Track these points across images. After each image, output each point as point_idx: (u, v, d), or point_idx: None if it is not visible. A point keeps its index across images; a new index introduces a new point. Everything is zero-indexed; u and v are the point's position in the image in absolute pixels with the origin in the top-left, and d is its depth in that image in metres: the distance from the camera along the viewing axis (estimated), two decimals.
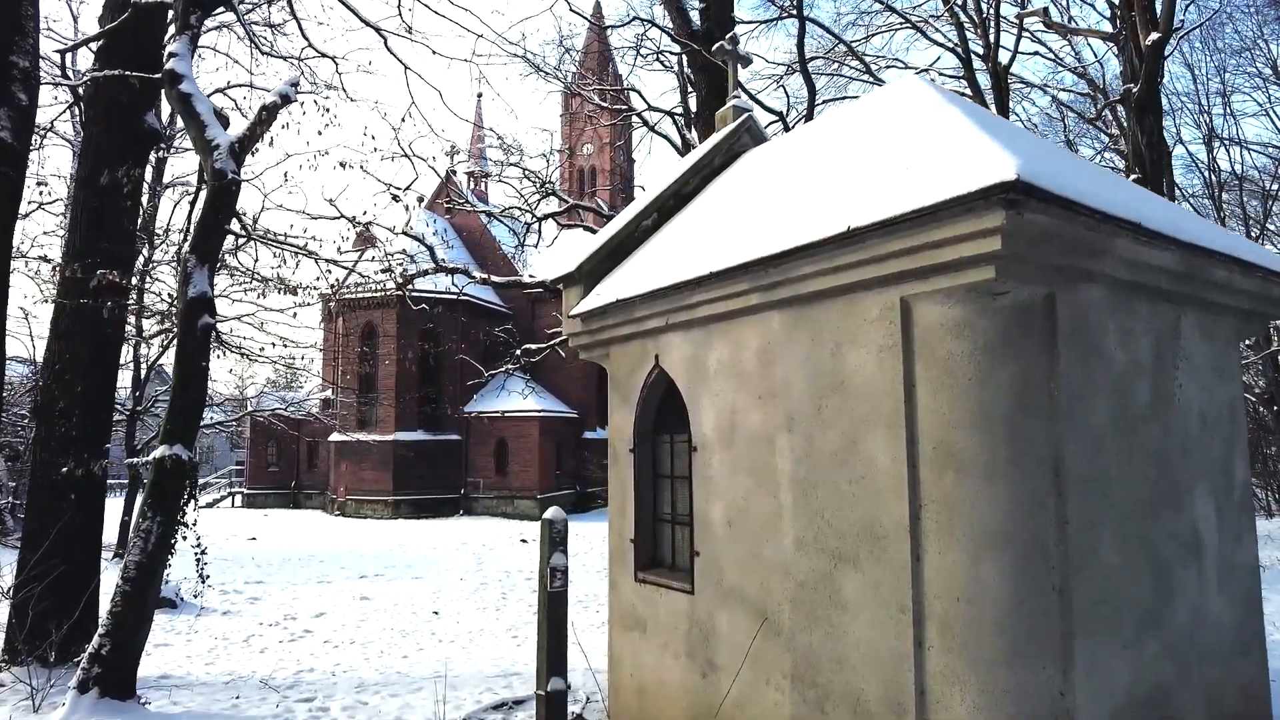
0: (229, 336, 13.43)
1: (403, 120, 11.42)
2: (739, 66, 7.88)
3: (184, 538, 6.11)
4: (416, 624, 13.33)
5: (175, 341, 6.66)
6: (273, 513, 36.08)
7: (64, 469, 7.31)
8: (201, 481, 44.33)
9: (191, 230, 7.34)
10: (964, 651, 3.67)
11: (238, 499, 40.54)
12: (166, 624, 12.04)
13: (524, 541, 25.84)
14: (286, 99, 7.68)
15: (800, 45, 11.77)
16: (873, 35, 22.95)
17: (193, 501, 6.18)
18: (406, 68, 11.53)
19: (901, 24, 21.97)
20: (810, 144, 5.85)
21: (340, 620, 13.43)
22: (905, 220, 3.65)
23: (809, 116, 12.59)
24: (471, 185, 40.91)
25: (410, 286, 19.44)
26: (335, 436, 33.97)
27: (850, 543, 4.10)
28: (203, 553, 6.10)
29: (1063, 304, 3.87)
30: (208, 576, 6.42)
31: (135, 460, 6.14)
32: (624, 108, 21.96)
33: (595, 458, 38.63)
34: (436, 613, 14.27)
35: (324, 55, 11.79)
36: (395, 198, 13.78)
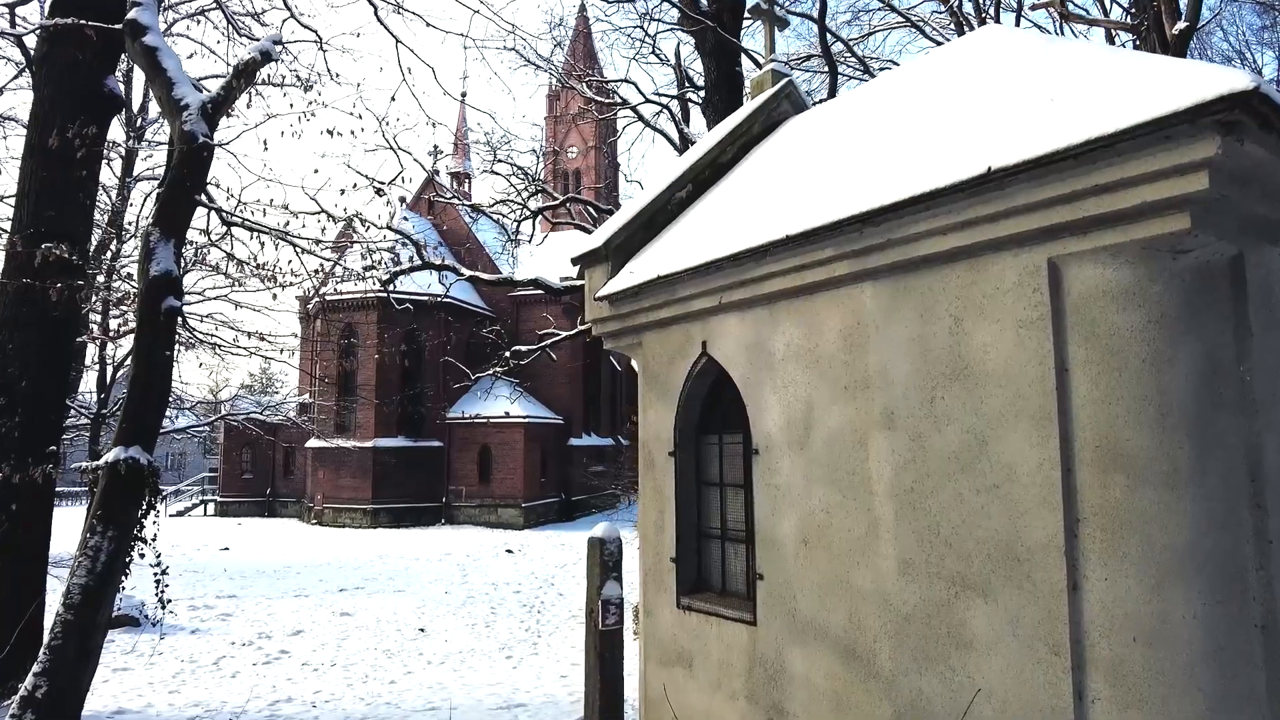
0: (203, 334, 12.37)
1: (392, 99, 10.51)
2: (776, 30, 7.09)
3: (141, 555, 5.17)
4: (402, 643, 12.39)
5: (135, 328, 5.71)
6: (247, 522, 34.78)
7: (0, 475, 6.32)
8: (172, 489, 42.85)
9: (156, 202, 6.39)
10: (1144, 707, 2.85)
11: (210, 507, 39.11)
12: (127, 644, 10.98)
13: (509, 552, 24.90)
14: (267, 56, 6.77)
15: (822, 18, 11.03)
16: (870, 34, 22.37)
17: (152, 513, 5.24)
18: (399, 41, 10.64)
19: (900, 23, 21.40)
20: (882, 101, 5.05)
21: (319, 639, 12.44)
22: (1070, 156, 2.85)
23: (831, 94, 11.84)
24: (455, 186, 39.90)
25: (393, 286, 18.50)
26: (313, 442, 32.75)
27: (978, 566, 3.27)
28: (163, 573, 5.16)
29: (1251, 266, 3.08)
30: (169, 601, 5.46)
31: (86, 465, 5.15)
32: (617, 101, 21.16)
33: (581, 465, 37.76)
34: (422, 630, 13.34)
35: (308, 29, 10.87)
36: (379, 191, 12.90)
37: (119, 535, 5.02)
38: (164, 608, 5.43)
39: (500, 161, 19.53)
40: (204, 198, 8.09)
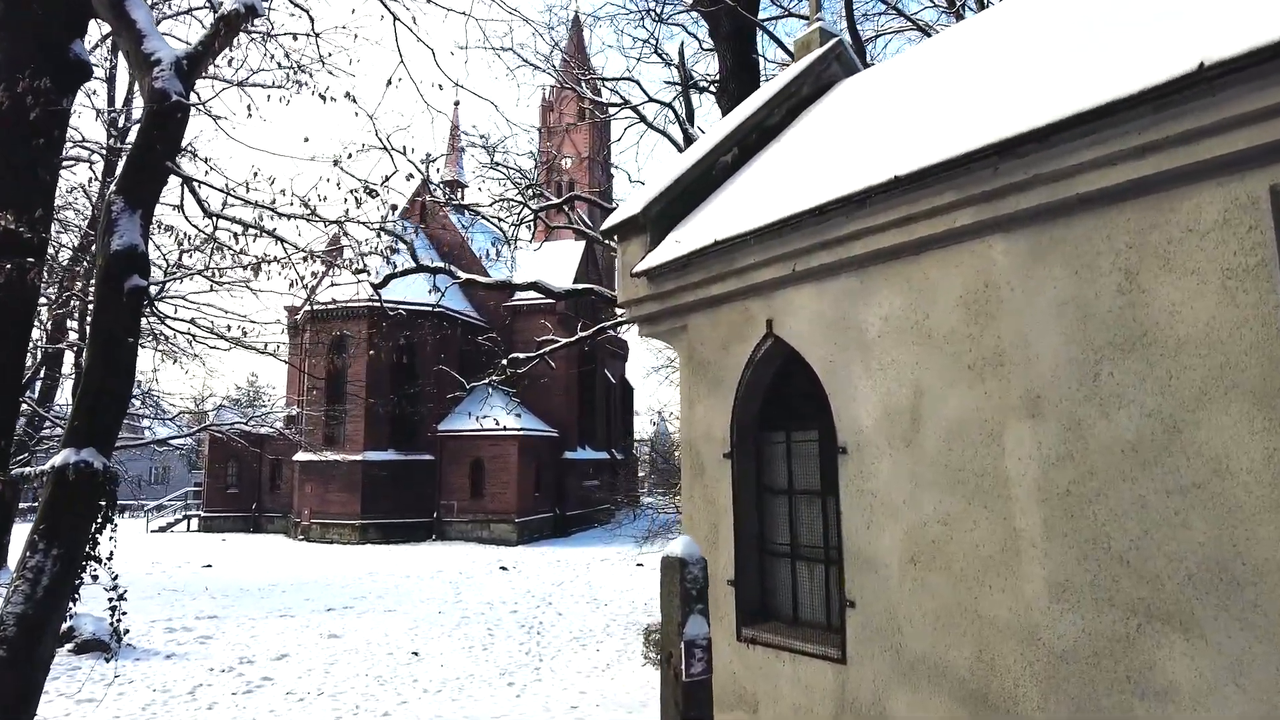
0: (179, 328, 11.48)
1: (388, 84, 9.74)
2: None
3: (94, 577, 4.33)
4: (395, 668, 11.48)
5: (92, 310, 4.89)
6: (231, 537, 33.60)
7: None
8: (154, 504, 41.62)
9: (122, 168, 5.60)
10: None
11: (193, 523, 37.83)
12: (93, 672, 10.02)
13: (503, 569, 23.96)
14: (253, 11, 6.01)
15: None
16: (876, 37, 21.88)
17: (108, 527, 4.41)
18: (396, 18, 9.88)
19: (906, 27, 20.91)
20: (974, 42, 4.33)
21: (305, 664, 11.50)
22: None
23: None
24: (447, 195, 39.09)
25: (382, 293, 17.70)
26: (300, 455, 31.68)
27: (1172, 591, 2.50)
28: (120, 598, 4.33)
29: None
30: (126, 631, 4.61)
31: (28, 470, 4.30)
32: (617, 101, 20.48)
33: (577, 479, 36.84)
34: (416, 653, 12.43)
35: (299, 7, 10.11)
36: (372, 193, 12.10)
37: (66, 554, 4.18)
38: (119, 640, 4.58)
39: (497, 165, 18.82)
40: (193, 189, 7.32)
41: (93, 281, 12.75)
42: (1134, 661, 2.58)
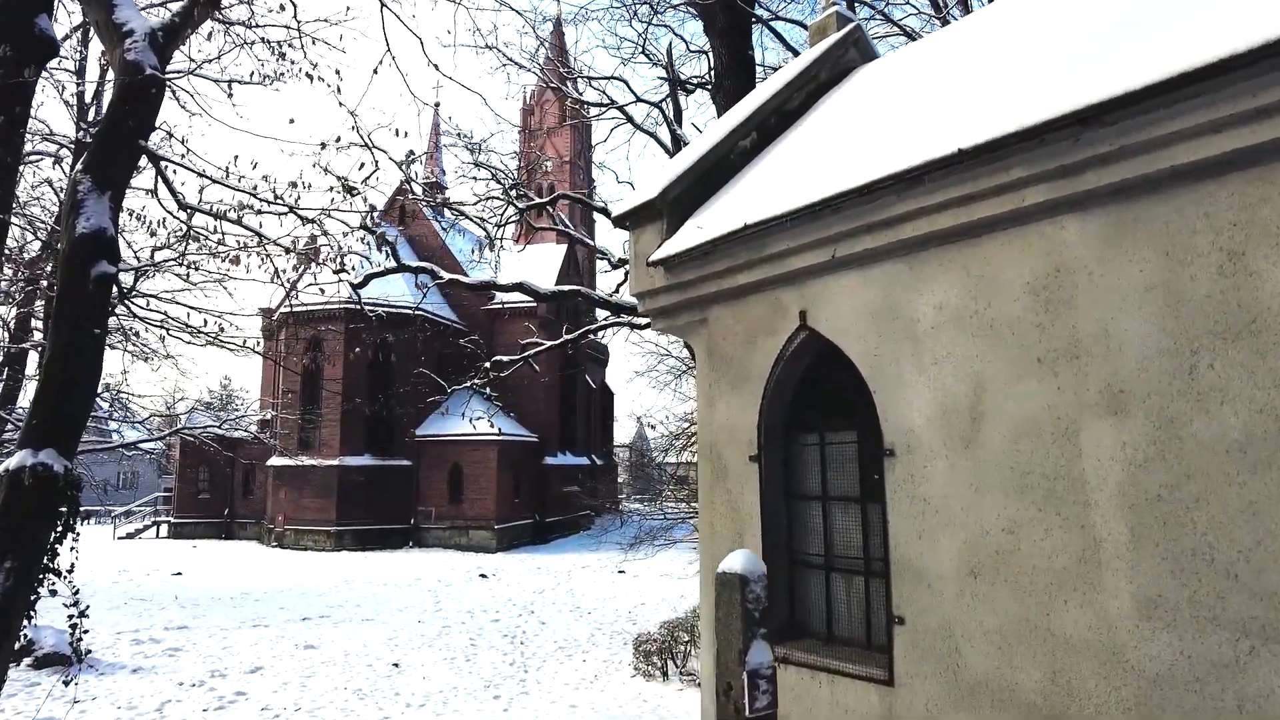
0: (150, 319, 10.92)
1: (374, 72, 9.35)
2: None
3: (52, 592, 3.91)
4: (375, 680, 11.04)
5: (55, 300, 4.48)
6: (202, 544, 32.74)
7: None
8: (122, 510, 40.48)
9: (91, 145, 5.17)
10: None
11: (163, 529, 36.81)
12: (55, 689, 9.45)
13: (483, 576, 23.50)
14: None
15: None
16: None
17: (69, 536, 3.99)
18: (383, 4, 9.50)
19: (893, 32, 20.84)
20: (1011, 23, 4.06)
21: (281, 677, 11.02)
22: None
23: None
24: (429, 197, 38.50)
25: (361, 295, 17.22)
26: (274, 460, 30.94)
27: None
28: (81, 614, 3.91)
29: None
30: (88, 651, 4.20)
31: None
32: (604, 102, 20.17)
33: (557, 485, 36.38)
34: (396, 665, 11.98)
35: None
36: (352, 190, 11.69)
37: (21, 567, 3.76)
38: (80, 660, 4.16)
39: (480, 165, 18.42)
40: (163, 174, 6.87)
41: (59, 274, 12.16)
42: (1247, 688, 2.29)
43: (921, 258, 3.21)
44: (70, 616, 3.92)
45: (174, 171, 6.35)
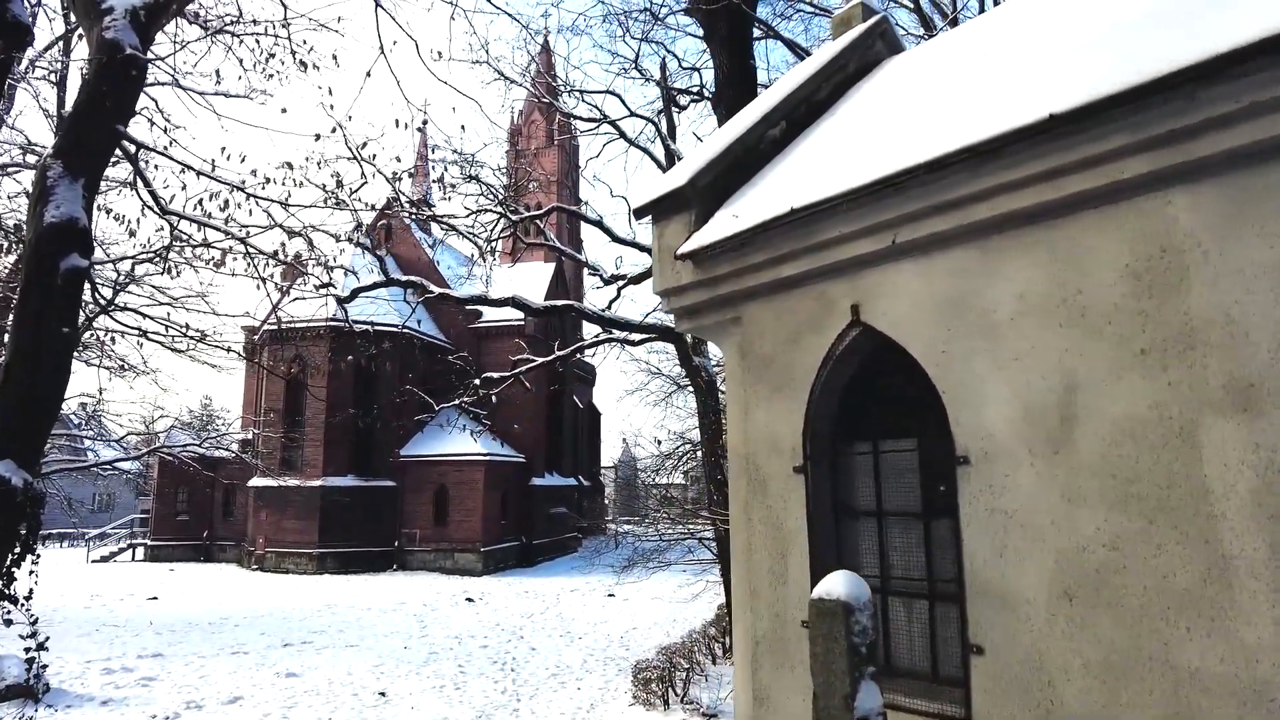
0: (128, 324, 10.43)
1: (367, 75, 9.04)
2: None
3: (7, 622, 3.46)
4: (360, 711, 10.53)
5: (18, 294, 4.07)
6: (180, 567, 31.82)
7: None
8: (96, 532, 39.40)
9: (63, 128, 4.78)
10: None
11: (139, 552, 35.74)
12: None
13: (470, 600, 22.90)
14: None
15: None
16: None
17: (28, 557, 3.54)
18: (378, 4, 9.20)
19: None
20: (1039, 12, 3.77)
21: (261, 708, 10.48)
22: None
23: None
24: (417, 212, 38.14)
25: (348, 309, 16.78)
26: (256, 481, 30.18)
27: None
28: (40, 647, 3.45)
29: None
30: (47, 688, 3.75)
31: None
32: (597, 116, 19.94)
33: (544, 507, 35.78)
34: (383, 694, 11.44)
35: None
36: (340, 202, 11.33)
37: None
38: (40, 697, 3.71)
39: (472, 178, 18.09)
40: (138, 168, 6.47)
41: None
42: None
43: (994, 242, 2.87)
44: (28, 650, 3.47)
45: (155, 167, 5.99)
